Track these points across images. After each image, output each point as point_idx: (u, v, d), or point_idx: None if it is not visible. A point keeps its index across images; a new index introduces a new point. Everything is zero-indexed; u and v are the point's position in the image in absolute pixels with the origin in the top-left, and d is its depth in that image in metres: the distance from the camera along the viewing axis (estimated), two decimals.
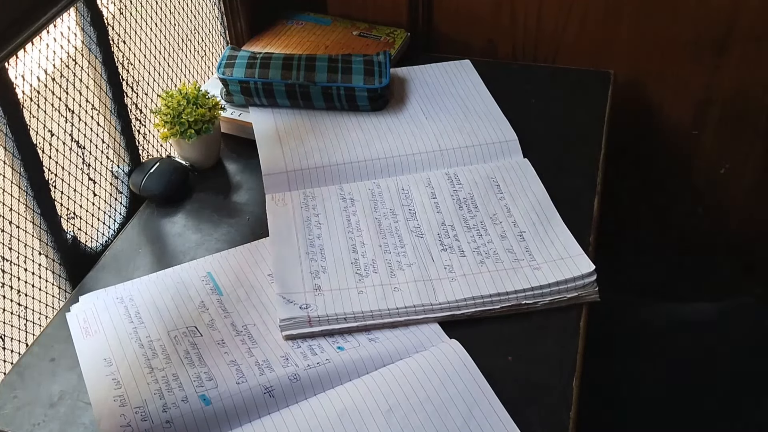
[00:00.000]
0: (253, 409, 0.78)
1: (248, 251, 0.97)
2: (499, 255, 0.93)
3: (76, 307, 0.90)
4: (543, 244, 0.94)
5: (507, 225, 0.97)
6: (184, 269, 0.94)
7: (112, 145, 1.05)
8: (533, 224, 0.97)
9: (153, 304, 0.89)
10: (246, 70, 1.12)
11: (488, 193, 1.01)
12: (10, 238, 0.87)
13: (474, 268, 0.91)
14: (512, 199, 1.00)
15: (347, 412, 0.76)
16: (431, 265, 0.92)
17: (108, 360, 0.83)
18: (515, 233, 0.96)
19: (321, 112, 1.15)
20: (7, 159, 0.86)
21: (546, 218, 0.97)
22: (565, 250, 0.92)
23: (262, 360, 0.82)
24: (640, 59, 1.27)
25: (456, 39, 1.34)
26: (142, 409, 0.77)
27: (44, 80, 0.90)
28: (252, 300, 0.90)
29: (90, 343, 0.85)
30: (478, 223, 0.97)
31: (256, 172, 1.07)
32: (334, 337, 0.85)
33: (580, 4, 1.25)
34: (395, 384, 0.79)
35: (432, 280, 0.90)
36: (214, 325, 0.87)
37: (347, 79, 1.12)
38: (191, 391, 0.79)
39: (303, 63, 1.13)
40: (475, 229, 0.96)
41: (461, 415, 0.76)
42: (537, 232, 0.95)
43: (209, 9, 1.27)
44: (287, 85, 1.12)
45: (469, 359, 0.80)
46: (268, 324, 0.87)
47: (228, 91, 1.14)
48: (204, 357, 0.83)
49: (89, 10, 0.94)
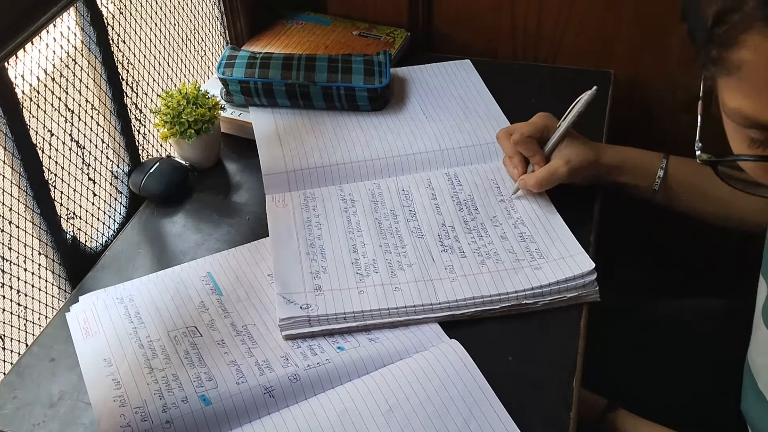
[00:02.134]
0: (253, 409, 0.78)
1: (248, 251, 0.96)
2: (500, 255, 0.93)
3: (76, 308, 0.90)
4: (543, 243, 0.94)
5: (507, 226, 0.97)
6: (184, 269, 0.94)
7: (112, 145, 1.05)
8: (533, 224, 0.96)
9: (153, 305, 0.89)
10: (246, 70, 1.12)
11: (488, 194, 1.01)
12: (10, 238, 0.87)
13: (474, 269, 0.91)
14: (512, 200, 1.00)
15: (347, 412, 0.76)
16: (432, 266, 0.91)
17: (108, 360, 0.83)
18: (515, 234, 0.95)
19: (321, 113, 1.14)
20: (6, 159, 0.86)
21: (546, 218, 0.97)
22: (565, 249, 0.92)
23: (262, 360, 0.82)
24: (640, 59, 1.27)
25: (456, 39, 1.34)
26: (141, 409, 0.77)
27: (44, 80, 0.90)
28: (252, 300, 0.90)
29: (90, 344, 0.85)
30: (478, 224, 0.97)
31: (256, 172, 1.07)
32: (334, 337, 0.85)
33: (580, 4, 1.25)
34: (395, 384, 0.78)
35: (433, 280, 0.90)
36: (214, 325, 0.87)
37: (347, 79, 1.12)
38: (191, 392, 0.79)
39: (303, 63, 1.13)
40: (476, 231, 0.96)
41: (461, 415, 0.76)
42: (537, 232, 0.95)
43: (209, 9, 1.27)
44: (287, 85, 1.12)
45: (470, 359, 0.80)
46: (268, 324, 0.87)
47: (228, 91, 1.14)
48: (204, 357, 0.83)
49: (89, 9, 0.94)
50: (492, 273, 0.90)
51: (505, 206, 1.00)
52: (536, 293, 0.88)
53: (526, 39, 1.30)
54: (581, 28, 1.27)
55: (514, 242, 0.94)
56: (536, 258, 0.92)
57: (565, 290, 0.88)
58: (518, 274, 0.90)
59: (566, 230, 0.95)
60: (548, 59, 1.32)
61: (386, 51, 1.19)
